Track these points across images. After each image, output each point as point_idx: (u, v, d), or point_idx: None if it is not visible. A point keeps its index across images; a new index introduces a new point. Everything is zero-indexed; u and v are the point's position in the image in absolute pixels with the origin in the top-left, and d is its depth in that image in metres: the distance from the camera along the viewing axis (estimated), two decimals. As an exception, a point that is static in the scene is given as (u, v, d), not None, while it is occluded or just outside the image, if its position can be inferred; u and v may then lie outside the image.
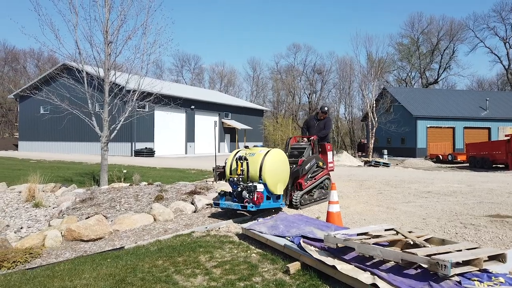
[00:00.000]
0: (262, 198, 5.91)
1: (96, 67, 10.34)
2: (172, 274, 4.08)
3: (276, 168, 6.17)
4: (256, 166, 6.07)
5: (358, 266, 3.39)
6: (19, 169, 14.98)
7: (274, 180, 6.11)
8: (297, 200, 6.88)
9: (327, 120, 8.57)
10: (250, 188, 5.84)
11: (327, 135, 8.46)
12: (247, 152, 6.38)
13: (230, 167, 6.35)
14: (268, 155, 6.13)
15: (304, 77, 61.71)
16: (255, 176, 6.06)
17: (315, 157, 7.50)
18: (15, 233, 6.66)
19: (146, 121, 25.73)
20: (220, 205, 6.29)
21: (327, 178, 7.96)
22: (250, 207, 5.81)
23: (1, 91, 49.89)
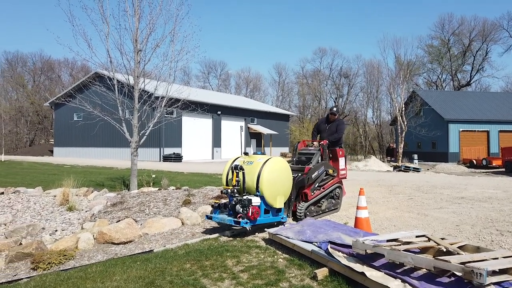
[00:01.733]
0: (259, 213, 5.38)
1: (126, 75, 10.64)
2: (200, 278, 4.12)
3: (276, 179, 5.63)
4: (253, 176, 5.51)
5: (388, 273, 3.30)
6: (54, 174, 15.57)
7: (273, 192, 5.57)
8: (302, 212, 6.27)
9: (339, 122, 7.79)
10: (244, 202, 5.25)
11: (339, 139, 7.64)
12: (245, 160, 5.84)
13: (226, 177, 5.81)
14: (266, 165, 5.54)
15: (331, 81, 61.20)
16: (252, 188, 5.52)
17: (324, 164, 6.88)
18: (50, 235, 6.92)
19: (174, 127, 26.21)
20: (213, 219, 5.76)
21: (338, 187, 7.28)
22: (243, 223, 5.21)
23: (38, 99, 52.22)
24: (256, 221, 5.36)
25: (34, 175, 15.44)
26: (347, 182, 12.30)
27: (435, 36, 59.28)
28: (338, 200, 7.25)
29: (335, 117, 7.81)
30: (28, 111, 53.01)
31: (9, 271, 4.88)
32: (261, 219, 5.49)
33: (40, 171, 17.63)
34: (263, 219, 5.53)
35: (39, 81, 59.72)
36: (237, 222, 5.25)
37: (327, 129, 7.72)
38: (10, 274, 4.75)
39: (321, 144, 7.20)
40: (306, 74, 63.75)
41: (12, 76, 58.73)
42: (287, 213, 6.17)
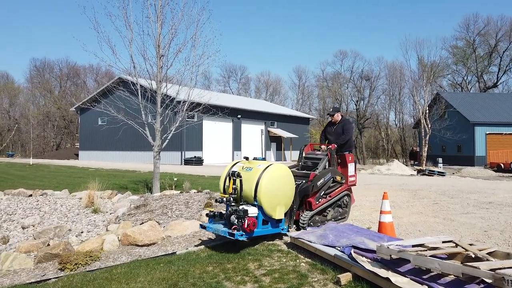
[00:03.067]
0: (255, 225, 4.95)
1: (149, 80, 10.84)
2: (222, 281, 4.14)
3: (276, 187, 5.16)
4: (251, 184, 5.06)
5: (414, 279, 3.23)
6: (80, 177, 15.98)
7: (272, 202, 5.12)
8: (305, 223, 5.87)
9: (344, 123, 7.15)
10: (239, 213, 4.86)
11: (348, 141, 7.00)
12: (244, 165, 5.39)
13: (224, 183, 5.40)
14: (266, 172, 5.08)
15: (351, 84, 60.58)
16: (250, 197, 5.09)
17: (331, 171, 6.36)
18: (76, 237, 7.09)
19: (195, 131, 26.49)
20: (207, 229, 5.36)
21: (347, 194, 6.79)
22: (238, 236, 4.78)
23: (64, 104, 53.82)
24: (252, 233, 4.98)
25: (61, 178, 15.89)
26: (369, 186, 12.14)
27: (460, 36, 57.89)
28: (346, 208, 6.79)
29: (337, 117, 7.20)
30: (55, 116, 54.70)
31: (38, 271, 5.03)
32: (259, 231, 5.11)
33: (66, 174, 18.12)
34: (261, 231, 5.15)
35: (65, 87, 61.58)
36: (232, 234, 4.83)
37: (333, 131, 7.17)
38: (39, 274, 4.89)
39: (328, 149, 6.73)
40: (326, 77, 63.40)
41: (40, 82, 60.80)
42: (289, 223, 5.76)
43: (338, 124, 7.16)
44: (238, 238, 4.80)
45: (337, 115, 7.18)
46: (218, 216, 5.35)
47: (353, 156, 7.04)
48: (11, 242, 7.70)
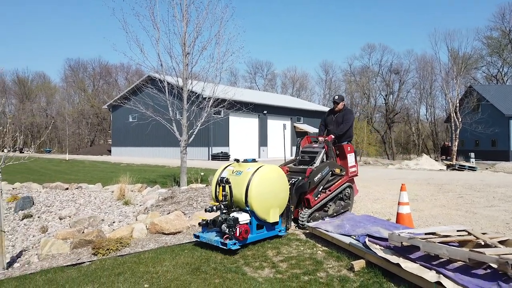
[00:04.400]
0: (248, 232, 4.77)
1: (176, 77, 11.21)
2: (242, 266, 4.38)
3: (268, 190, 4.97)
4: (241, 189, 4.87)
5: (423, 265, 3.34)
6: (112, 172, 16.69)
7: (264, 205, 4.93)
8: (304, 221, 5.69)
9: (345, 112, 6.90)
10: (230, 222, 4.70)
11: (347, 131, 6.75)
12: (234, 169, 5.19)
13: (215, 190, 5.18)
14: (255, 176, 4.88)
15: (380, 78, 59.38)
16: (241, 202, 4.92)
17: (328, 164, 6.12)
18: (108, 226, 7.56)
19: (221, 127, 26.92)
20: (200, 238, 5.13)
21: (349, 186, 6.59)
22: (230, 245, 4.60)
23: (97, 102, 55.83)
24: (246, 240, 4.82)
25: (95, 173, 16.66)
26: (394, 181, 12.06)
27: (495, 27, 55.38)
28: (348, 201, 6.59)
29: (340, 106, 6.98)
30: (89, 114, 56.84)
31: (73, 256, 5.46)
32: (254, 236, 4.97)
33: (100, 169, 18.95)
34: (255, 236, 5.01)
35: (98, 85, 63.83)
36: (224, 244, 4.66)
37: (334, 120, 6.96)
38: (74, 258, 5.31)
39: (325, 141, 6.51)
40: (354, 71, 62.45)
41: (74, 81, 63.32)
42: (286, 224, 5.56)
43: (339, 113, 6.98)
44: (230, 247, 4.62)
45: (341, 104, 7.03)
46: (211, 224, 5.05)
47: (352, 146, 6.84)
48: (50, 231, 8.27)
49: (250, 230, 4.86)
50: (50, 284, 4.24)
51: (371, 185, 10.90)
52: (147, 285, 3.93)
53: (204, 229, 5.18)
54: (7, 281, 4.60)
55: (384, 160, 37.14)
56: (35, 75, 66.72)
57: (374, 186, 10.72)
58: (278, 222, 5.28)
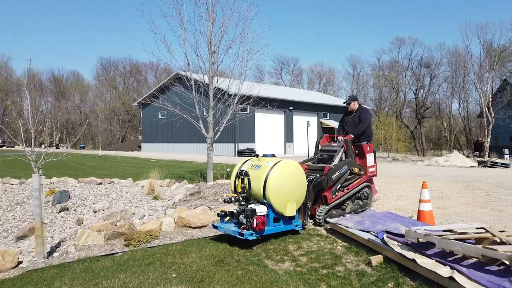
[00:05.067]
0: (265, 223, 4.90)
1: (202, 75, 11.51)
2: (263, 259, 4.58)
3: (285, 184, 5.10)
4: (259, 182, 5.03)
5: (438, 261, 3.43)
6: (142, 167, 17.29)
7: (282, 199, 5.07)
8: (321, 218, 5.78)
9: (361, 112, 6.94)
10: (247, 213, 4.88)
11: (365, 131, 6.80)
12: (253, 163, 5.36)
13: (234, 183, 5.37)
14: (273, 170, 5.03)
15: (410, 72, 57.84)
16: (259, 195, 5.08)
17: (347, 163, 6.20)
18: (139, 219, 7.95)
19: (247, 123, 27.20)
20: (218, 229, 5.34)
21: (367, 186, 6.62)
22: (247, 235, 4.75)
23: (128, 99, 57.47)
24: (263, 231, 4.95)
25: (126, 168, 17.32)
26: (421, 178, 11.91)
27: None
28: (366, 200, 6.61)
29: (353, 106, 7.04)
30: (120, 111, 58.64)
31: (107, 247, 5.84)
32: (270, 229, 5.09)
33: (130, 165, 19.65)
34: (272, 229, 5.12)
35: (128, 83, 65.66)
36: (241, 234, 4.82)
37: (350, 120, 7.03)
38: (108, 249, 5.69)
39: (344, 140, 6.57)
40: (382, 66, 61.15)
41: (106, 79, 65.41)
42: (303, 219, 5.64)
43: (355, 113, 7.01)
44: (247, 237, 4.74)
45: (353, 104, 7.03)
46: (229, 216, 5.28)
47: (371, 146, 6.84)
48: (85, 223, 8.79)
49: (267, 223, 4.99)
50: (87, 272, 4.60)
51: (397, 182, 10.84)
52: (174, 275, 4.20)
53: (222, 220, 5.37)
54: (48, 268, 5.01)
55: (414, 156, 36.34)
56: (69, 73, 69.51)
57: (400, 183, 10.65)
58: (295, 217, 5.37)
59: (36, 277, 4.72)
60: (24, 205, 11.18)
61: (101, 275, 4.41)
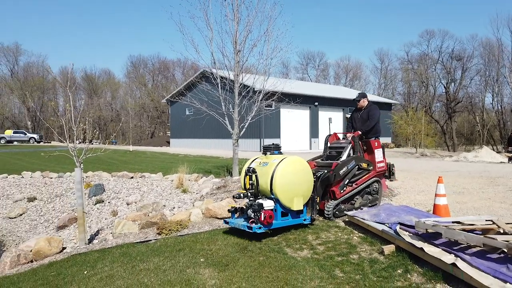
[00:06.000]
0: (272, 217, 5.13)
1: (227, 73, 11.93)
2: (284, 247, 4.96)
3: (291, 180, 5.31)
4: (266, 178, 5.27)
5: (444, 250, 3.69)
6: (171, 162, 17.97)
7: (288, 194, 5.29)
8: (329, 212, 5.95)
9: (370, 109, 7.07)
10: (255, 207, 5.13)
11: (373, 127, 6.92)
12: (261, 161, 5.62)
13: (244, 180, 5.60)
14: (279, 166, 5.26)
15: (440, 65, 56.22)
16: (266, 191, 5.32)
17: (355, 158, 6.34)
18: (169, 211, 8.50)
19: (272, 119, 27.52)
20: (229, 224, 5.62)
21: (377, 181, 6.74)
22: (256, 228, 4.98)
23: (157, 96, 58.97)
24: (271, 225, 5.17)
25: (156, 163, 18.06)
26: (446, 173, 11.90)
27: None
28: (376, 195, 6.71)
29: (362, 103, 7.20)
30: (149, 107, 60.27)
31: (141, 235, 6.38)
32: (278, 223, 5.32)
33: (160, 160, 20.42)
34: (280, 223, 5.35)
35: (157, 80, 67.28)
36: (250, 228, 5.07)
37: (359, 117, 7.17)
38: (142, 237, 6.22)
39: (352, 136, 6.73)
40: (411, 59, 59.69)
41: (136, 77, 67.27)
42: (311, 213, 5.81)
43: (364, 110, 7.16)
44: (256, 231, 4.97)
45: (363, 101, 7.18)
46: (239, 211, 5.56)
47: (379, 142, 6.95)
48: (119, 214, 9.45)
49: (275, 217, 5.24)
50: (125, 256, 5.12)
51: (421, 178, 10.91)
52: (202, 259, 4.64)
53: (233, 215, 5.64)
54: (91, 253, 5.59)
55: (443, 152, 35.59)
56: (101, 71, 72.02)
57: (423, 178, 10.72)
58: (303, 211, 5.59)
59: (80, 260, 5.29)
60: (62, 197, 12.04)
61: (138, 258, 4.92)
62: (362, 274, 3.93)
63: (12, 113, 62.45)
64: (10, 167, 17.26)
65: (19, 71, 63.66)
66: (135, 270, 4.46)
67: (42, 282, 4.50)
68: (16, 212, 11.09)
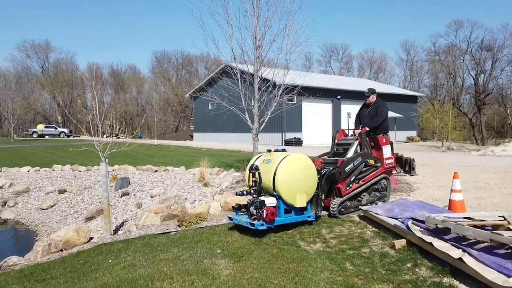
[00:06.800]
0: (274, 214, 5.15)
1: (247, 69, 12.07)
2: (297, 240, 5.11)
3: (294, 177, 5.31)
4: (269, 176, 5.31)
5: (453, 245, 3.74)
6: (194, 156, 18.36)
7: (291, 191, 5.29)
8: (335, 209, 5.88)
9: (378, 105, 7.01)
10: (257, 204, 5.17)
11: (381, 123, 6.87)
12: (265, 158, 5.65)
13: (249, 177, 5.64)
14: (281, 164, 5.28)
15: (469, 56, 54.27)
16: (269, 188, 5.36)
17: (361, 155, 6.27)
18: (190, 204, 8.79)
19: (294, 112, 27.49)
20: (233, 220, 5.66)
21: (385, 177, 6.63)
22: (258, 225, 5.01)
23: (180, 91, 59.83)
24: (273, 222, 5.18)
25: (179, 157, 18.49)
26: (469, 168, 11.69)
27: None
28: (384, 192, 6.62)
29: (371, 99, 7.15)
30: (173, 102, 61.23)
31: (163, 226, 6.67)
32: (281, 219, 5.33)
33: (183, 153, 20.86)
34: (283, 219, 5.36)
35: (181, 75, 68.19)
36: (252, 224, 5.09)
37: (367, 113, 7.12)
38: (163, 228, 6.52)
39: (358, 133, 6.67)
40: (438, 50, 57.88)
41: (160, 72, 68.41)
42: (316, 210, 5.76)
43: (372, 106, 7.11)
44: (258, 227, 5.01)
45: (372, 97, 7.12)
46: (243, 208, 5.63)
47: (387, 138, 6.86)
48: (144, 207, 9.83)
49: (278, 214, 5.26)
50: (146, 246, 5.41)
51: (442, 172, 10.78)
52: (219, 251, 4.86)
53: (237, 212, 5.71)
54: (115, 243, 5.92)
55: (471, 146, 34.55)
56: (127, 67, 73.45)
57: (444, 173, 10.59)
58: (307, 208, 5.59)
59: (105, 249, 5.63)
60: (91, 190, 12.59)
61: (158, 249, 5.19)
62: (371, 267, 4.04)
63: (43, 108, 64.93)
64: (42, 160, 18.11)
65: (49, 67, 66.04)
66: (156, 259, 4.72)
67: (71, 269, 4.84)
68: (48, 203, 11.71)
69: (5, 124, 54.23)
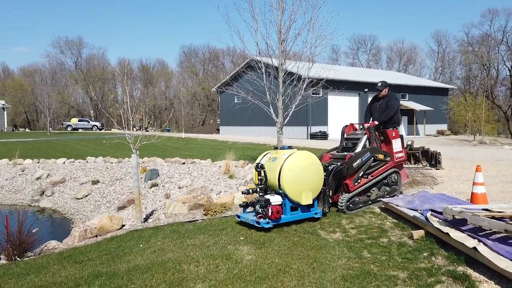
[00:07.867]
0: (280, 212, 5.18)
1: (272, 63, 12.22)
2: (318, 230, 5.29)
3: (299, 175, 5.29)
4: (274, 174, 5.31)
5: (469, 235, 3.83)
6: (220, 149, 18.74)
7: (296, 189, 5.28)
8: (343, 205, 5.83)
9: (389, 98, 6.91)
10: (262, 202, 5.17)
11: (392, 117, 6.75)
12: (271, 156, 5.67)
13: (255, 175, 5.64)
14: (287, 161, 5.27)
15: (504, 47, 52.04)
16: (275, 185, 5.36)
17: (369, 150, 6.16)
18: (216, 194, 9.11)
19: (320, 106, 27.39)
20: (240, 218, 5.69)
21: (395, 171, 6.51)
22: (264, 223, 5.06)
23: (207, 85, 60.61)
24: (279, 220, 5.22)
25: (206, 150, 18.93)
26: (498, 162, 11.44)
27: None
28: (394, 186, 6.53)
29: (384, 92, 7.01)
30: (200, 96, 62.13)
31: (190, 215, 7.01)
32: (287, 217, 5.36)
33: (210, 147, 21.30)
34: (290, 217, 5.39)
35: (207, 69, 68.96)
36: (258, 222, 5.13)
37: (378, 107, 7.00)
38: (190, 217, 6.85)
39: (367, 127, 6.56)
40: (471, 41, 55.82)
41: (188, 66, 69.47)
42: (323, 207, 5.74)
43: (383, 99, 7.00)
44: (263, 226, 5.04)
45: (384, 90, 7.01)
46: (251, 206, 5.62)
47: (397, 132, 6.76)
48: (172, 197, 10.24)
49: (283, 211, 5.31)
50: (175, 233, 5.74)
51: (470, 166, 10.61)
52: (242, 238, 5.11)
53: (245, 210, 5.74)
54: (145, 230, 6.29)
55: (505, 140, 33.33)
56: (155, 62, 75.02)
57: (472, 167, 10.36)
58: (314, 205, 5.58)
59: (136, 235, 6.01)
60: (122, 181, 13.17)
61: (186, 235, 5.51)
62: (388, 255, 4.17)
63: (76, 102, 67.44)
64: (76, 152, 18.99)
65: (82, 63, 68.38)
66: (183, 245, 5.03)
67: (105, 252, 5.23)
68: (82, 193, 12.37)
69: (41, 118, 56.83)
